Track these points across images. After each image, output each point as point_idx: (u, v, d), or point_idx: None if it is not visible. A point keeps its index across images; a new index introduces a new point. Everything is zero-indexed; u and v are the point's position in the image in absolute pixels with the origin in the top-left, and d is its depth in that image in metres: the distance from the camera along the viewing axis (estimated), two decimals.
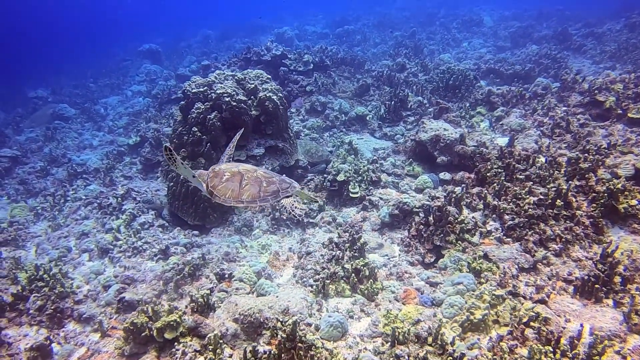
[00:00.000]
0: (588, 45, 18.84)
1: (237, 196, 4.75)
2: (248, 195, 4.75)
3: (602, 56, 17.50)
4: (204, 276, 6.64)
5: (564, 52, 17.62)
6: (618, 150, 7.58)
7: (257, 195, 4.75)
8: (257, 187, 4.81)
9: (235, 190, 4.79)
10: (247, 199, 4.74)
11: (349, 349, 5.16)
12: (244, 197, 4.74)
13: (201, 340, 5.33)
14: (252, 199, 4.75)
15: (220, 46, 28.09)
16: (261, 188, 4.81)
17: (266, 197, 4.79)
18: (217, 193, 4.87)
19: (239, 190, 4.78)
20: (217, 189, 4.88)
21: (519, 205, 6.72)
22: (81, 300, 7.15)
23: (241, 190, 4.78)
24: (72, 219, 10.05)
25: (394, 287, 6.16)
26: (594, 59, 17.43)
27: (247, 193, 4.75)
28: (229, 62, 15.41)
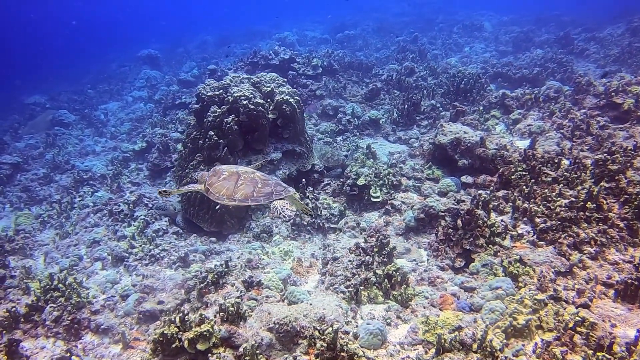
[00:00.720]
0: (591, 50, 18.96)
1: (230, 194, 4.82)
2: (242, 194, 4.81)
3: (606, 60, 17.60)
4: (229, 284, 6.42)
5: (568, 56, 17.68)
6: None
7: (250, 195, 4.81)
8: (252, 187, 4.87)
9: (230, 188, 4.86)
10: (239, 198, 4.80)
11: (390, 358, 4.97)
12: (237, 196, 4.81)
13: (234, 351, 5.10)
14: (245, 198, 4.81)
15: (219, 52, 27.89)
16: (255, 189, 4.87)
17: (259, 198, 4.84)
18: (213, 190, 4.95)
19: (234, 189, 4.85)
20: (213, 186, 4.96)
21: (550, 208, 6.59)
22: (98, 310, 6.90)
23: (236, 189, 4.85)
24: (81, 226, 9.78)
25: (427, 293, 5.99)
26: (599, 63, 17.51)
27: (241, 192, 4.82)
28: (235, 66, 15.24)
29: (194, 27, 41.75)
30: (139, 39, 38.21)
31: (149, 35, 39.88)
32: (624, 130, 8.82)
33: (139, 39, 37.65)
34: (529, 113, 10.16)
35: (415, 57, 16.96)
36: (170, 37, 36.44)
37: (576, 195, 6.68)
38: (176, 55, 28.66)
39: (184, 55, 28.08)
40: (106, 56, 34.13)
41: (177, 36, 36.43)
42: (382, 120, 11.58)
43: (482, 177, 8.33)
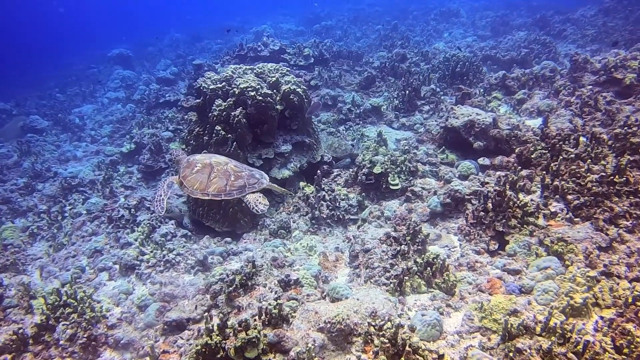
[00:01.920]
0: (568, 31, 19.31)
1: (204, 188, 4.76)
2: (214, 188, 4.76)
3: (584, 40, 17.95)
4: (260, 285, 6.02)
5: (548, 37, 17.93)
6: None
7: (223, 189, 4.76)
8: (225, 180, 4.81)
9: (203, 182, 4.79)
10: (212, 192, 4.75)
11: (451, 348, 4.73)
12: (210, 190, 4.75)
13: (284, 356, 4.75)
14: (218, 192, 4.76)
15: (194, 49, 27.07)
16: (228, 182, 4.81)
17: (232, 192, 4.80)
18: (186, 184, 4.89)
19: (207, 182, 4.78)
20: (187, 179, 4.90)
21: (581, 184, 6.50)
22: (115, 324, 6.38)
23: (209, 182, 4.78)
24: (77, 236, 9.13)
25: (469, 278, 5.79)
26: (578, 43, 17.85)
27: (214, 186, 4.77)
28: (221, 60, 14.67)
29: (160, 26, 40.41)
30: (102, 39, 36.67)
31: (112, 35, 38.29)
32: (630, 105, 8.88)
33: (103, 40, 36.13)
34: (534, 92, 10.14)
35: (404, 43, 16.80)
36: (136, 38, 35.14)
37: (603, 169, 6.62)
38: (147, 55, 27.61)
39: (156, 54, 27.08)
40: (68, 59, 32.59)
41: (143, 36, 35.14)
42: (384, 108, 11.33)
43: (498, 158, 8.21)
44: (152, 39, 32.37)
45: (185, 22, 40.87)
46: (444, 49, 16.15)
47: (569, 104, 9.20)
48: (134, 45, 30.71)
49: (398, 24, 22.77)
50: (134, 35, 36.14)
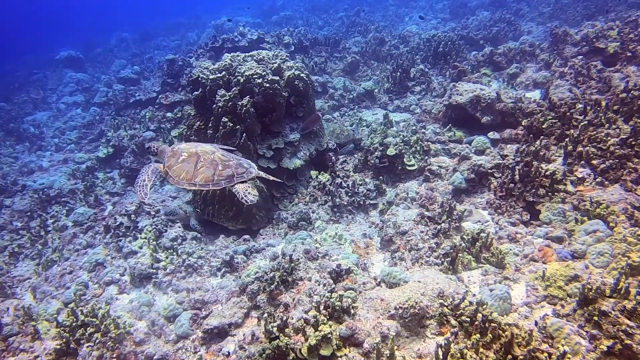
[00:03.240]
0: (524, 9, 19.93)
1: (190, 178, 4.62)
2: (201, 178, 4.61)
3: (542, 17, 18.57)
4: (304, 280, 5.68)
5: (511, 16, 18.44)
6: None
7: (210, 179, 4.62)
8: (212, 170, 4.65)
9: (190, 172, 4.65)
10: (200, 182, 4.61)
11: (525, 320, 4.64)
12: (197, 180, 4.61)
13: (359, 349, 4.47)
14: (205, 182, 4.62)
15: (147, 47, 25.70)
16: (216, 171, 4.66)
17: (220, 182, 4.67)
18: (172, 174, 4.71)
19: (194, 172, 4.64)
20: (172, 169, 4.72)
21: (602, 149, 6.63)
22: (143, 339, 5.83)
23: (195, 172, 4.64)
24: (70, 250, 8.34)
25: (515, 250, 5.75)
26: (537, 21, 18.45)
27: (201, 176, 4.61)
28: (195, 54, 13.90)
29: (104, 26, 38.05)
30: (42, 43, 34.05)
31: (52, 38, 35.64)
32: (618, 72, 9.21)
33: (42, 43, 33.54)
34: (527, 66, 10.33)
35: (378, 27, 16.72)
36: (80, 38, 32.84)
37: (617, 133, 6.79)
38: (97, 56, 25.91)
39: (107, 54, 25.48)
40: (2, 66, 29.95)
41: (87, 37, 32.91)
42: (376, 91, 11.16)
43: (507, 131, 8.26)
44: (99, 40, 30.45)
45: (132, 21, 38.71)
46: (418, 32, 16.21)
47: (564, 75, 9.44)
48: (79, 47, 28.68)
49: (360, 10, 22.65)
50: (77, 36, 33.77)
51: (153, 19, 38.39)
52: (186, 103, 11.47)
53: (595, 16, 15.61)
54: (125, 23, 37.55)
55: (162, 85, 12.77)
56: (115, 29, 33.50)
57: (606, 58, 9.91)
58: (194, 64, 12.68)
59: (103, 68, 22.55)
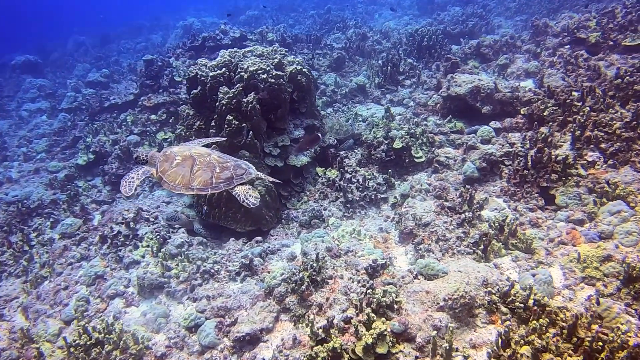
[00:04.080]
0: (491, 5, 20.50)
1: (187, 183, 4.45)
2: (199, 182, 4.44)
3: (509, 12, 19.17)
4: (335, 277, 5.48)
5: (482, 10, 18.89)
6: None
7: (208, 182, 4.46)
8: (210, 172, 4.50)
9: (186, 176, 4.47)
10: (197, 186, 4.44)
11: (570, 302, 4.65)
12: (195, 184, 4.44)
13: (412, 344, 4.33)
14: (204, 186, 4.45)
15: (110, 50, 24.62)
16: (214, 174, 4.50)
17: (219, 185, 4.50)
18: (167, 179, 4.51)
19: (190, 176, 4.47)
20: (166, 174, 4.52)
21: (608, 132, 6.82)
22: (165, 353, 5.45)
23: (192, 176, 4.47)
24: (62, 264, 7.75)
25: (539, 235, 5.79)
26: (505, 15, 19.02)
27: (199, 179, 4.44)
28: (174, 53, 13.35)
29: (54, 30, 36.11)
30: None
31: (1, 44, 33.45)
32: (602, 60, 9.56)
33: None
34: (516, 57, 10.55)
35: (357, 23, 16.71)
36: (31, 44, 30.97)
37: (620, 117, 7.00)
38: (55, 61, 24.56)
39: (67, 59, 24.22)
40: None
41: (38, 42, 31.06)
42: (368, 86, 11.09)
43: (507, 120, 8.38)
44: (53, 44, 28.85)
45: (84, 25, 36.91)
46: (396, 27, 16.30)
47: (553, 64, 9.69)
48: (33, 52, 27.08)
49: (331, 8, 22.62)
50: (29, 42, 31.81)
51: (109, 22, 36.84)
52: (171, 104, 10.98)
53: (560, 10, 16.23)
54: (77, 27, 35.73)
55: (140, 87, 12.17)
56: (68, 33, 31.84)
57: (588, 47, 10.26)
58: (174, 64, 12.17)
59: (65, 73, 21.38)
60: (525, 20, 17.43)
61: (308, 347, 4.65)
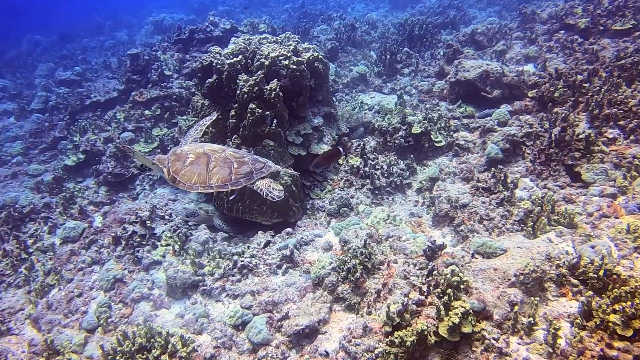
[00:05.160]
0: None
1: (204, 181, 4.30)
2: (217, 179, 4.31)
3: (481, 3, 19.64)
4: (386, 262, 5.35)
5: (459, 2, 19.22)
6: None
7: (227, 178, 4.33)
8: (227, 169, 4.36)
9: (202, 174, 4.31)
10: (216, 184, 4.31)
11: (631, 271, 4.75)
12: (213, 182, 4.31)
13: (490, 321, 4.28)
14: (223, 183, 4.32)
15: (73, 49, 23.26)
16: (232, 170, 4.37)
17: (238, 180, 4.39)
18: (181, 179, 4.33)
19: (207, 174, 4.31)
20: (180, 173, 4.34)
21: (624, 110, 7.06)
22: (214, 355, 5.15)
23: (209, 173, 4.32)
24: (70, 270, 7.19)
25: (577, 210, 5.91)
26: (478, 7, 19.47)
27: (216, 177, 4.31)
28: (160, 47, 12.72)
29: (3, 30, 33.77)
30: None
31: None
32: (594, 45, 9.93)
33: None
34: (513, 43, 10.78)
35: (342, 14, 16.63)
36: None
37: (632, 95, 7.28)
38: (12, 61, 22.94)
39: (26, 58, 22.71)
40: None
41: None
42: (368, 75, 11.01)
43: (516, 103, 8.53)
44: (5, 45, 26.97)
45: (43, 23, 34.73)
46: (379, 18, 16.32)
47: (551, 49, 9.98)
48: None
49: (305, 2, 22.42)
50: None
51: (64, 20, 34.90)
52: (165, 99, 10.46)
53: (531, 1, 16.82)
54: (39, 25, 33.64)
55: (126, 82, 11.52)
56: (21, 33, 29.87)
57: (578, 33, 10.64)
58: (162, 58, 11.61)
59: (26, 73, 19.97)
60: (499, 12, 17.96)
61: (380, 334, 4.51)
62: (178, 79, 11.22)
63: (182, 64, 11.66)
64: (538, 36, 10.66)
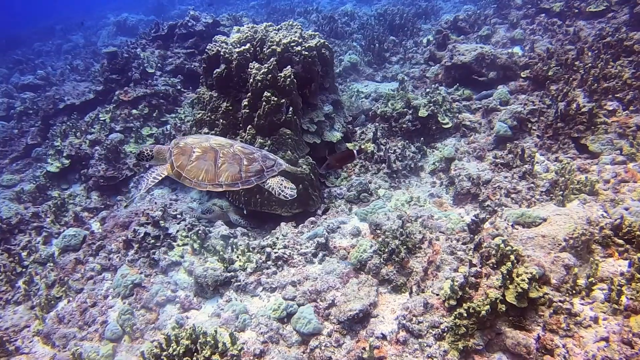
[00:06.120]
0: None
1: (212, 178, 4.03)
2: (227, 176, 4.04)
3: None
4: (427, 241, 5.35)
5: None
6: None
7: (237, 176, 4.08)
8: (237, 166, 4.10)
9: (210, 171, 4.03)
10: (226, 182, 4.05)
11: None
12: (222, 180, 4.04)
13: (549, 286, 4.37)
14: (233, 181, 4.06)
15: (26, 53, 21.88)
16: (242, 167, 4.12)
17: (249, 179, 4.15)
18: (187, 175, 4.02)
19: (215, 170, 4.05)
20: (186, 169, 4.01)
21: (618, 84, 7.44)
22: (263, 350, 4.96)
23: (217, 170, 4.06)
24: (78, 280, 6.72)
25: (594, 178, 6.16)
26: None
27: (226, 174, 4.04)
28: (137, 44, 12.12)
29: None
30: None
31: None
32: (571, 27, 10.42)
33: None
34: (496, 27, 11.11)
35: (318, 7, 16.56)
36: None
37: (621, 70, 7.68)
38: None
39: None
40: None
41: None
42: (359, 64, 11.01)
43: (511, 84, 8.80)
44: None
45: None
46: (353, 9, 16.38)
47: (534, 31, 10.37)
48: None
49: None
50: None
51: (10, 24, 32.76)
52: (152, 97, 9.99)
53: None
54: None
55: (105, 82, 10.91)
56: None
57: (554, 17, 11.12)
58: (142, 56, 11.09)
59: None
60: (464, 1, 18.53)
61: (442, 309, 4.50)
62: (162, 77, 10.76)
63: (164, 61, 11.19)
64: (519, 20, 11.05)
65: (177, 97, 10.50)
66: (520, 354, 3.94)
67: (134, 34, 20.55)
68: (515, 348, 3.95)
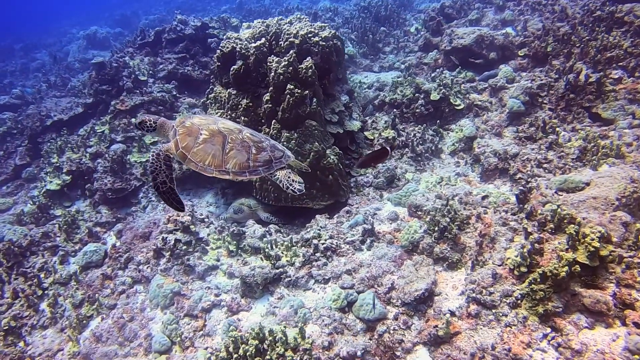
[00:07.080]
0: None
1: (219, 164, 3.79)
2: (234, 164, 3.81)
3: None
4: (482, 214, 5.39)
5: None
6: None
7: (245, 165, 3.85)
8: (245, 154, 3.89)
9: (218, 156, 3.80)
10: (233, 169, 3.82)
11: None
12: (230, 167, 3.81)
13: (610, 245, 4.48)
14: (240, 169, 3.83)
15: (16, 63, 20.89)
16: (250, 156, 3.90)
17: (257, 169, 3.92)
18: (193, 158, 3.77)
19: (222, 156, 3.82)
20: (192, 151, 3.77)
21: (620, 53, 7.76)
22: (330, 342, 4.88)
23: (225, 157, 3.83)
24: (109, 296, 6.41)
25: (616, 143, 6.39)
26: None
27: (233, 161, 3.81)
28: (123, 51, 11.69)
29: None
30: None
31: None
32: (555, 5, 10.80)
33: None
34: (485, 10, 11.35)
35: (299, 5, 16.47)
36: None
37: (617, 40, 8.02)
38: None
39: None
40: None
41: None
42: (355, 56, 11.03)
43: (511, 63, 9.03)
44: None
45: None
46: (331, 5, 16.39)
47: (522, 12, 10.68)
48: None
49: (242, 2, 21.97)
50: None
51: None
52: (150, 104, 9.67)
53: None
54: None
55: (95, 94, 10.49)
56: None
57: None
58: (132, 64, 10.72)
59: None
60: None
61: (512, 278, 4.54)
62: (156, 83, 10.43)
63: (155, 68, 10.85)
64: (505, 3, 11.34)
65: (173, 103, 10.20)
66: (600, 311, 4.02)
67: (105, 46, 19.91)
68: (595, 306, 4.02)
